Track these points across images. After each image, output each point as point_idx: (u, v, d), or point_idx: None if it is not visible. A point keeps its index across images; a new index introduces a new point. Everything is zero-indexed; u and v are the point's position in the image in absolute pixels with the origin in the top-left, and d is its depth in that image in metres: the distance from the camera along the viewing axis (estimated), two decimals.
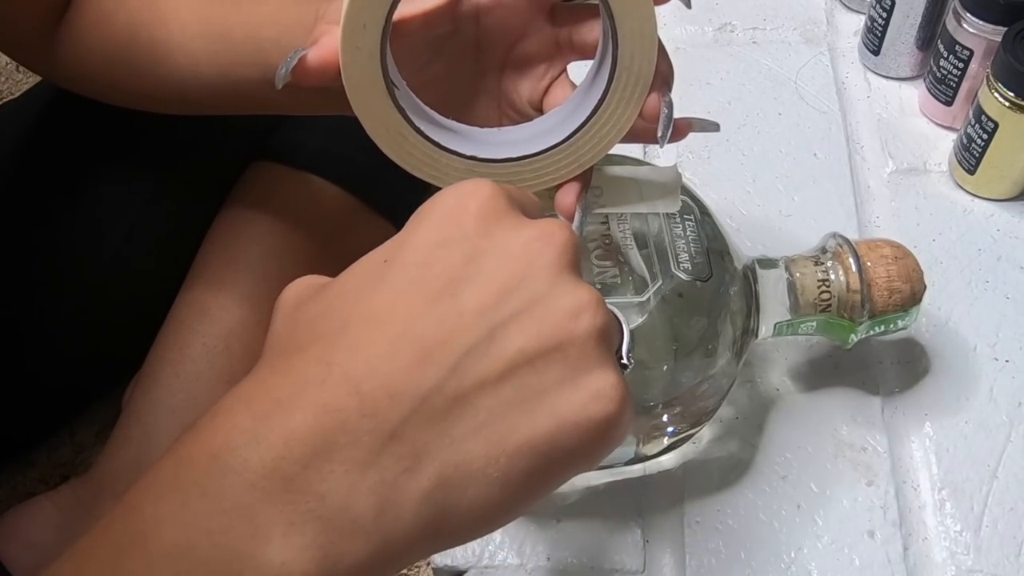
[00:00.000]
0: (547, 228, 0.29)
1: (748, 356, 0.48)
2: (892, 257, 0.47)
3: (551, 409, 0.27)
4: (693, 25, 0.73)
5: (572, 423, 0.27)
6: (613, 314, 0.31)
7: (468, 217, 0.28)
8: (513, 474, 0.26)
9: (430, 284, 0.27)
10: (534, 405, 0.27)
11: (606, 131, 0.39)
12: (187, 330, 0.66)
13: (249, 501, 0.24)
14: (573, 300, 0.27)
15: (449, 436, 0.26)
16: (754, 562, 0.47)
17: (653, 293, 0.43)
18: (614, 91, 0.38)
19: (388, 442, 0.25)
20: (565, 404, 0.27)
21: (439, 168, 0.40)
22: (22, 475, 0.75)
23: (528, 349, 0.27)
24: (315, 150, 0.69)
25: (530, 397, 0.27)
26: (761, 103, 0.66)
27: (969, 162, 0.59)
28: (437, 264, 0.28)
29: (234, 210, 0.69)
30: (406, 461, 0.25)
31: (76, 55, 0.52)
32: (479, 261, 0.28)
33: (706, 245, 0.45)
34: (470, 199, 0.29)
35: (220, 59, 0.46)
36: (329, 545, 0.24)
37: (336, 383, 0.26)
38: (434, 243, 0.28)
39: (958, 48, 0.59)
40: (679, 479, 0.50)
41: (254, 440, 0.25)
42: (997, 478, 0.49)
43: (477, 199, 0.29)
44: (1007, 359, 0.53)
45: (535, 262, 0.28)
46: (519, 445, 0.26)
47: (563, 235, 0.29)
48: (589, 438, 0.27)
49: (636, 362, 0.40)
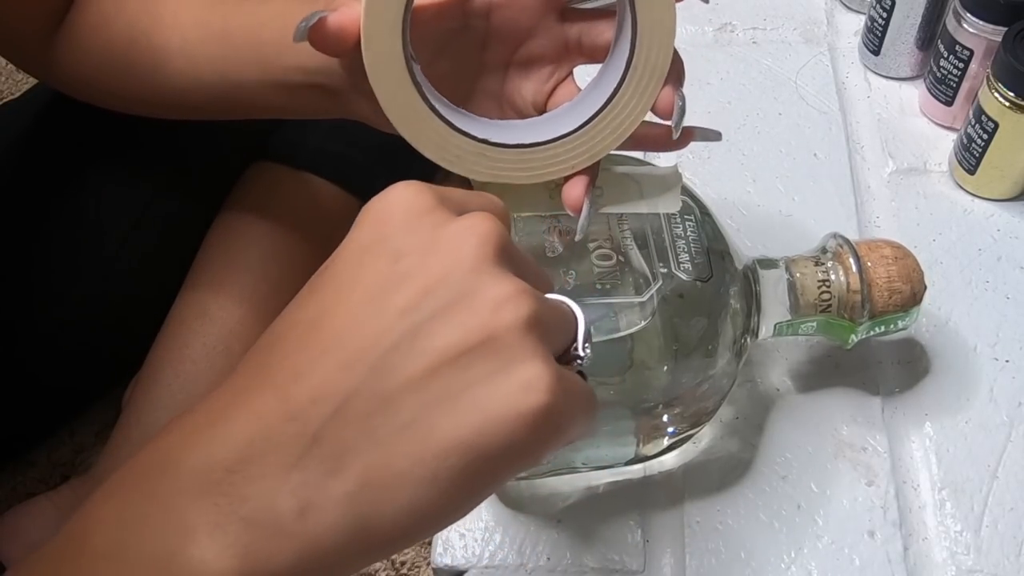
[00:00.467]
0: (470, 222, 0.28)
1: (748, 356, 0.48)
2: (892, 257, 0.47)
3: (476, 404, 0.26)
4: (693, 25, 0.73)
5: (499, 418, 0.26)
6: (563, 307, 0.30)
7: (394, 219, 0.29)
8: (443, 474, 0.26)
9: (358, 289, 0.28)
10: (458, 401, 0.26)
11: (619, 122, 0.39)
12: (187, 330, 0.66)
13: (181, 503, 0.25)
14: (496, 292, 0.27)
15: (373, 437, 0.26)
16: (754, 562, 0.47)
17: (654, 293, 0.43)
18: (629, 81, 0.38)
19: (311, 445, 0.26)
20: (490, 399, 0.26)
21: (449, 150, 0.39)
22: (22, 475, 0.75)
23: (451, 345, 0.27)
24: (314, 150, 0.69)
25: (455, 394, 0.26)
26: (761, 103, 0.66)
27: (969, 162, 0.59)
28: (364, 269, 0.28)
29: (234, 210, 0.69)
30: (329, 463, 0.26)
31: (75, 59, 0.52)
32: (402, 261, 0.28)
33: (706, 245, 0.45)
34: (396, 202, 0.29)
35: (219, 61, 0.46)
36: (251, 545, 0.25)
37: (264, 390, 0.27)
38: (362, 249, 0.29)
39: (958, 48, 0.59)
40: (679, 479, 0.50)
41: (189, 446, 0.26)
42: (997, 478, 0.49)
43: (402, 201, 0.29)
44: (1007, 359, 0.53)
45: (457, 257, 0.28)
46: (445, 443, 0.26)
47: (486, 227, 0.28)
48: (520, 433, 0.26)
49: (636, 362, 0.39)
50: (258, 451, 0.26)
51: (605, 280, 0.43)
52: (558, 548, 0.47)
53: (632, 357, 0.43)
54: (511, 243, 0.29)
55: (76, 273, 0.67)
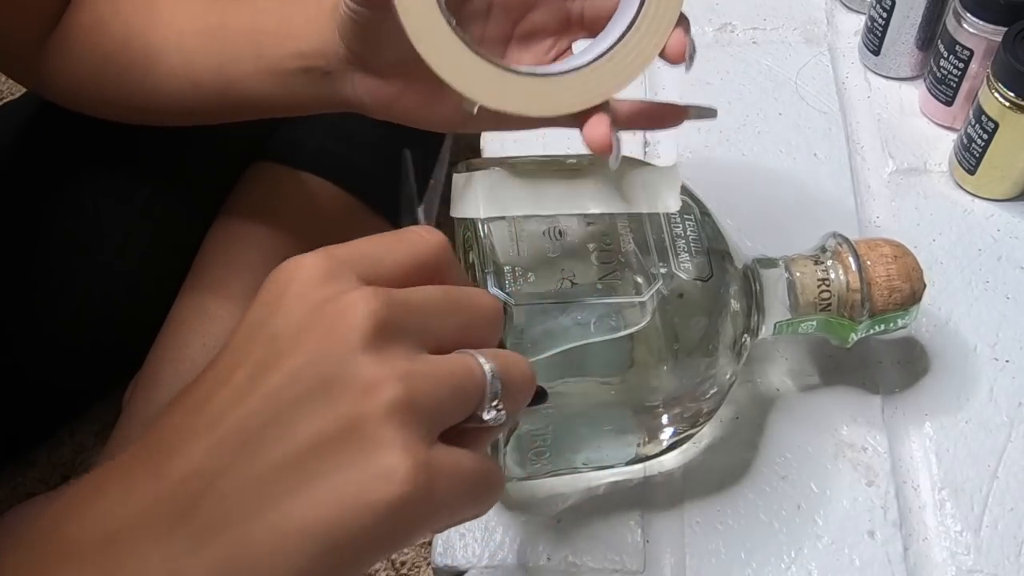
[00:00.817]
0: (352, 298, 0.28)
1: (748, 356, 0.48)
2: (892, 256, 0.47)
3: (332, 492, 0.26)
4: (693, 25, 0.72)
5: (353, 506, 0.26)
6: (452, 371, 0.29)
7: (283, 295, 0.29)
8: (300, 558, 0.26)
9: (239, 371, 0.28)
10: (316, 488, 0.26)
11: (631, 60, 0.40)
12: (187, 330, 0.66)
13: (63, 570, 0.27)
14: (362, 379, 0.27)
15: (235, 518, 0.26)
16: (754, 562, 0.47)
17: (654, 293, 0.43)
18: (643, 18, 0.39)
19: (177, 523, 0.26)
20: (345, 486, 0.26)
21: (469, 74, 0.38)
22: (22, 475, 0.75)
23: (315, 433, 0.27)
24: (313, 150, 0.69)
25: (314, 480, 0.26)
26: (761, 103, 0.66)
27: (969, 162, 0.59)
28: (247, 349, 0.28)
29: (234, 210, 0.69)
30: (193, 540, 0.26)
31: (69, 65, 0.51)
32: (278, 341, 0.28)
33: (706, 245, 0.45)
34: (286, 276, 0.29)
35: (215, 55, 0.46)
36: None
37: (141, 466, 0.28)
38: (250, 326, 0.29)
39: (958, 48, 0.59)
40: (679, 479, 0.50)
41: (70, 518, 0.27)
42: (997, 478, 0.49)
43: (295, 275, 0.29)
44: (1007, 359, 0.53)
45: (330, 339, 0.27)
46: (302, 528, 0.26)
47: (361, 307, 0.27)
48: (374, 523, 0.26)
49: (636, 362, 0.39)
50: (130, 526, 0.27)
51: (605, 280, 0.43)
52: (558, 548, 0.47)
53: (632, 357, 0.43)
54: (401, 310, 0.28)
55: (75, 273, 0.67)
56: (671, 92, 0.67)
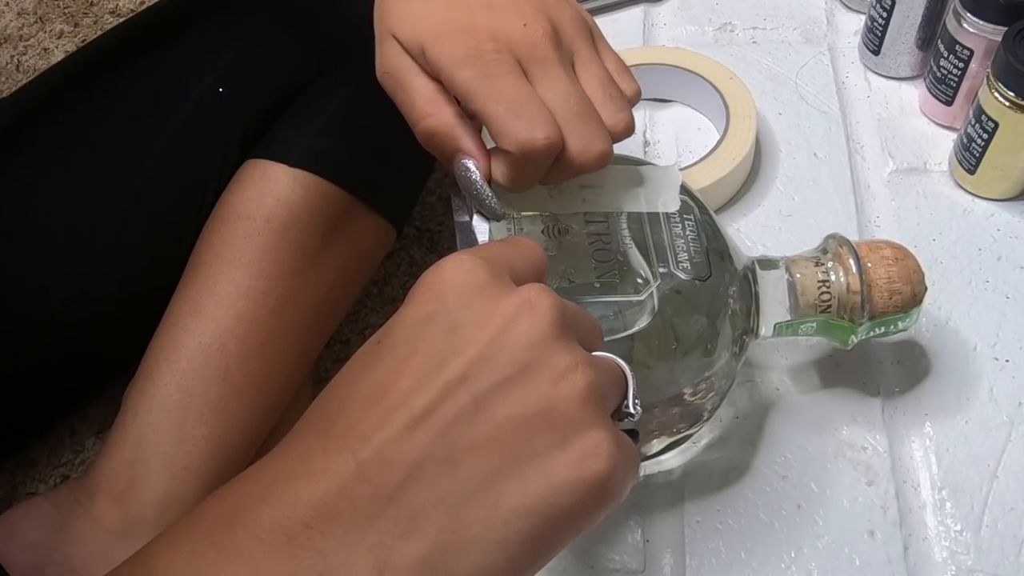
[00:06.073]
0: (527, 295, 0.30)
1: (748, 356, 0.48)
2: (893, 258, 0.46)
3: (541, 472, 0.28)
4: (693, 25, 0.73)
5: (564, 485, 0.28)
6: (614, 366, 0.32)
7: (449, 292, 0.30)
8: (512, 538, 0.27)
9: (417, 359, 0.29)
10: (524, 469, 0.28)
11: None
12: (182, 328, 0.66)
13: (255, 553, 0.26)
14: (555, 364, 0.29)
15: (445, 502, 0.27)
16: (754, 562, 0.47)
17: (653, 292, 0.43)
18: None
19: (386, 506, 0.27)
20: (555, 467, 0.28)
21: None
22: (22, 475, 0.74)
23: (514, 415, 0.28)
24: (308, 148, 0.69)
25: (520, 462, 0.28)
26: (761, 103, 0.66)
27: (969, 162, 0.59)
28: (422, 340, 0.29)
29: (227, 208, 0.69)
30: (403, 525, 0.27)
31: None
32: (461, 333, 0.29)
33: (706, 245, 0.45)
34: (450, 277, 0.30)
35: None
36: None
37: (335, 452, 0.27)
38: (419, 320, 0.30)
39: (958, 48, 0.59)
40: (679, 479, 0.50)
41: (262, 502, 0.27)
42: (997, 478, 0.49)
43: (457, 274, 0.30)
44: (1007, 359, 0.53)
45: (515, 329, 0.29)
46: (513, 509, 0.27)
47: (544, 301, 0.30)
48: (584, 498, 0.28)
49: (635, 361, 0.39)
50: (334, 510, 0.26)
51: (604, 279, 0.43)
52: None
53: (631, 356, 0.43)
54: (565, 310, 0.31)
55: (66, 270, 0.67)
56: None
